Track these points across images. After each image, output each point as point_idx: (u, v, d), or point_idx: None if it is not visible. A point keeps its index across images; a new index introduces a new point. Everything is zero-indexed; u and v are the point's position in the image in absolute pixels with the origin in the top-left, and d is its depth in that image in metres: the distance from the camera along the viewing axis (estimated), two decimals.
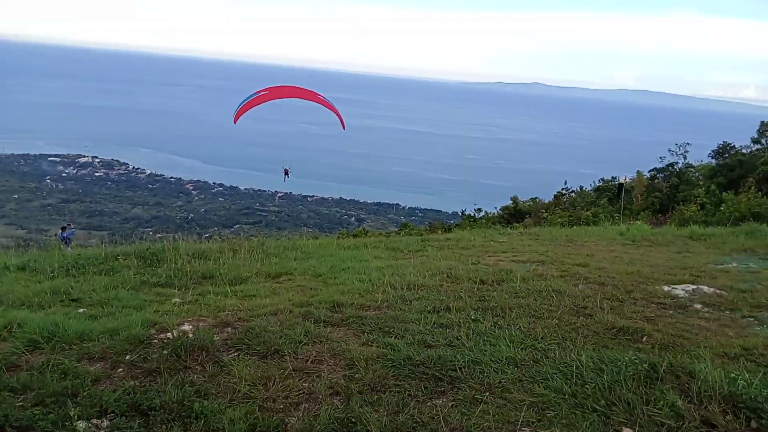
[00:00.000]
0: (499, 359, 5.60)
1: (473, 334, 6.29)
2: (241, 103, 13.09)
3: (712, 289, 8.44)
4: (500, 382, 5.17)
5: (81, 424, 4.38)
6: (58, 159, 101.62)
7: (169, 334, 6.04)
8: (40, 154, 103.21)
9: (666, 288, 8.53)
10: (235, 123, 13.46)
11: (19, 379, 5.11)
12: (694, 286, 8.57)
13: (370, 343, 6.07)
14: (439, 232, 22.66)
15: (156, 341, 5.95)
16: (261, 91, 13.32)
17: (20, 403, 4.76)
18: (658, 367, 5.15)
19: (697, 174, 32.69)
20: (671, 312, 7.39)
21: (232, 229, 56.54)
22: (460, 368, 5.40)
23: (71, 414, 4.46)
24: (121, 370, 5.44)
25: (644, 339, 6.26)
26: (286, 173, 20.40)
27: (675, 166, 31.93)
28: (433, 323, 6.65)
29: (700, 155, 35.72)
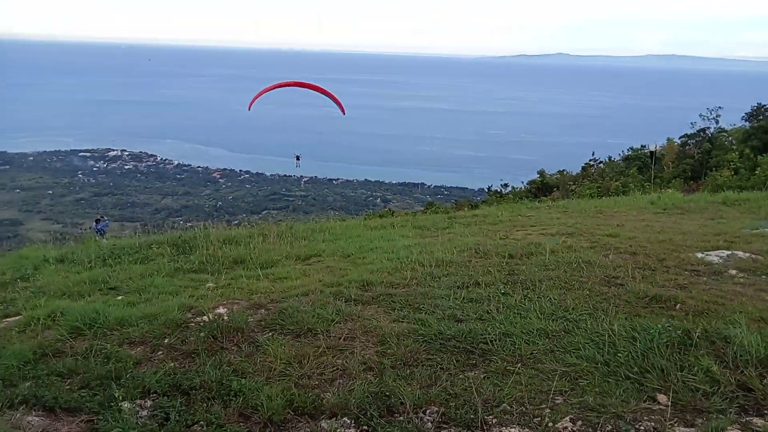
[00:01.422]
0: (530, 331, 5.61)
1: (503, 307, 6.30)
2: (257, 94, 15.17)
3: (747, 254, 8.26)
4: (532, 353, 5.19)
5: (126, 405, 4.56)
6: (88, 154, 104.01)
7: (205, 317, 6.21)
8: (71, 150, 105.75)
9: (699, 255, 8.37)
10: (249, 110, 16.03)
11: (65, 364, 5.32)
12: (729, 252, 8.40)
13: (400, 320, 6.14)
14: (466, 209, 22.57)
15: (193, 324, 6.12)
16: (271, 87, 15.34)
17: (68, 387, 4.97)
18: (692, 334, 5.11)
19: (730, 138, 31.75)
20: (705, 279, 7.27)
21: (261, 215, 57.14)
22: (491, 341, 5.43)
23: (116, 395, 4.64)
24: (160, 353, 5.62)
25: (677, 306, 6.18)
26: (298, 159, 21.43)
27: (707, 132, 31.12)
28: (463, 298, 6.67)
29: (733, 119, 34.64)
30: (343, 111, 16.27)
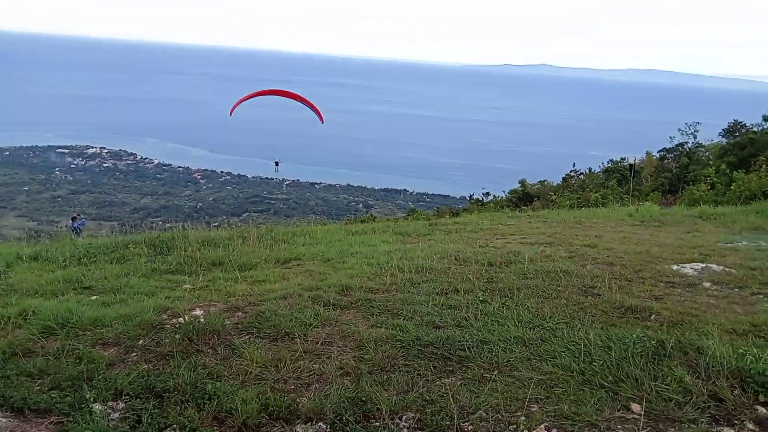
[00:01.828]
0: (507, 339, 5.64)
1: (481, 314, 6.33)
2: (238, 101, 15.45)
3: (721, 267, 8.42)
4: (508, 361, 5.22)
5: (97, 407, 4.48)
6: (66, 150, 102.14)
7: (180, 319, 6.12)
8: (49, 146, 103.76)
9: (675, 267, 8.52)
10: (231, 115, 16.49)
11: (36, 364, 5.20)
12: (703, 265, 8.56)
13: (379, 325, 6.13)
14: (447, 216, 22.67)
15: (168, 326, 6.03)
16: (252, 94, 15.75)
17: (38, 387, 4.87)
18: (666, 344, 5.18)
19: (707, 153, 32.39)
20: (680, 290, 7.40)
21: (241, 218, 56.79)
22: (468, 348, 5.45)
23: (87, 397, 4.55)
24: (134, 354, 5.53)
25: (652, 317, 6.27)
26: (277, 165, 21.52)
27: (685, 146, 31.69)
28: (442, 305, 6.69)
29: (711, 134, 35.37)
30: (321, 120, 16.51)
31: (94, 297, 7.50)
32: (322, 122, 16.67)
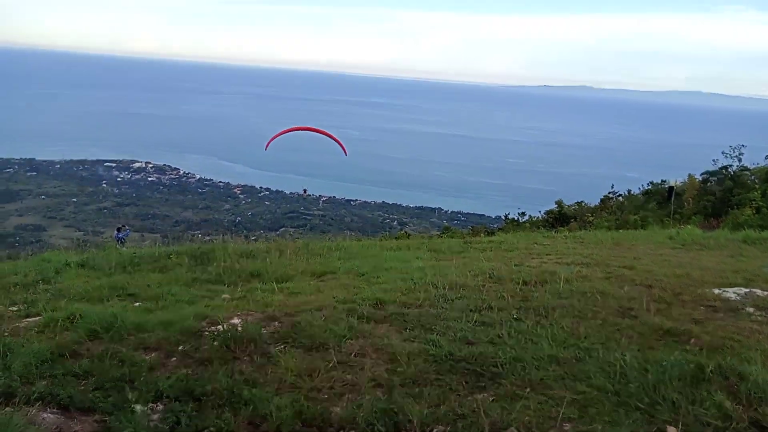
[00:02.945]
0: (541, 357, 5.60)
1: (515, 332, 6.30)
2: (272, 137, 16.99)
3: (765, 293, 8.17)
4: (542, 379, 5.18)
5: (138, 407, 4.65)
6: (113, 164, 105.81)
7: (219, 327, 6.30)
8: (97, 160, 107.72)
9: (716, 291, 8.30)
10: (266, 149, 17.85)
11: (81, 365, 5.43)
12: (747, 290, 8.31)
13: (411, 339, 6.17)
14: (482, 235, 22.56)
15: (207, 333, 6.21)
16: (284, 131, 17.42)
17: (82, 387, 5.08)
18: (706, 368, 5.07)
19: (753, 177, 31.30)
20: (721, 315, 7.20)
21: (278, 232, 57.47)
22: (501, 365, 5.43)
23: (129, 398, 4.74)
24: (174, 359, 5.72)
25: (692, 341, 6.13)
26: (305, 192, 22.92)
27: (729, 169, 30.70)
28: (475, 321, 6.69)
29: (757, 158, 34.19)
30: (345, 152, 17.48)
31: (138, 303, 7.78)
32: (346, 154, 17.54)
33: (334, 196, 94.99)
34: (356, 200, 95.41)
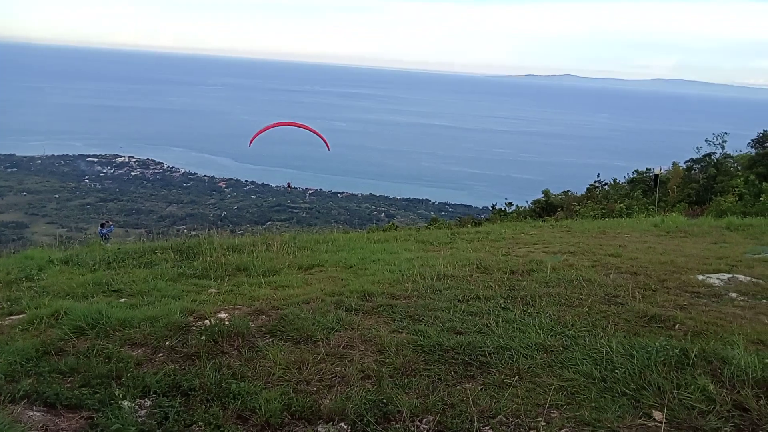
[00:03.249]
0: (529, 345, 5.64)
1: (502, 321, 6.34)
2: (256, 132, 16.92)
3: (748, 278, 8.29)
4: (529, 367, 5.22)
5: (126, 403, 4.61)
6: (96, 159, 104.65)
7: (206, 322, 6.26)
8: (79, 155, 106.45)
9: (700, 277, 8.40)
10: (250, 146, 17.91)
11: (67, 362, 5.37)
12: (730, 275, 8.43)
13: (400, 330, 6.18)
14: (469, 225, 22.64)
15: (194, 328, 6.17)
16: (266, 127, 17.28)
17: (69, 384, 5.02)
18: (690, 353, 5.13)
19: (735, 164, 31.74)
20: (705, 300, 7.30)
21: (265, 226, 57.18)
22: (489, 354, 5.46)
23: (116, 394, 4.70)
24: (161, 354, 5.67)
25: (676, 326, 6.21)
26: (289, 186, 23.15)
27: (712, 157, 31.08)
28: (463, 311, 6.71)
29: (739, 145, 34.65)
30: (328, 147, 17.58)
31: (123, 299, 7.71)
32: (329, 149, 17.73)
33: (320, 189, 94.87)
34: (343, 192, 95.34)
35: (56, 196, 79.58)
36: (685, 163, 33.31)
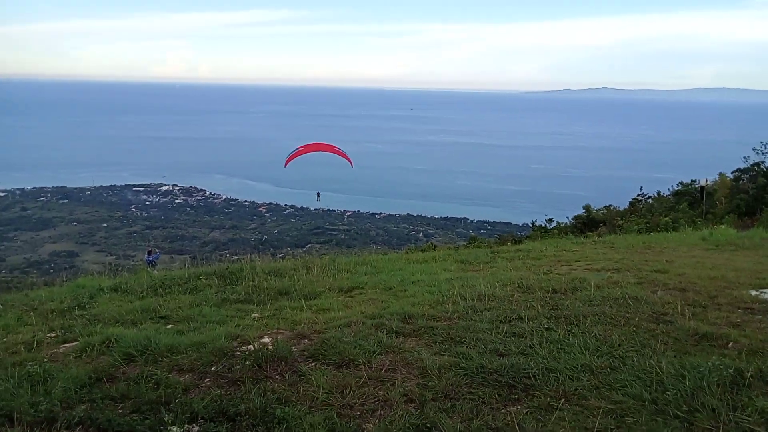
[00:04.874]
0: (574, 367, 5.53)
1: (546, 342, 6.23)
2: (289, 153, 17.26)
3: None
4: (576, 390, 5.10)
5: (175, 429, 4.71)
6: (141, 188, 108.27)
7: (250, 346, 6.37)
8: (126, 185, 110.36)
9: (753, 292, 8.09)
10: (285, 167, 17.95)
11: (118, 389, 5.53)
12: None
13: (442, 353, 6.14)
14: (509, 243, 22.36)
15: (239, 353, 6.28)
16: (300, 147, 17.49)
17: (120, 410, 5.17)
18: (745, 373, 4.94)
19: None
20: (759, 317, 7.02)
21: (305, 249, 57.92)
22: (533, 376, 5.37)
23: (165, 419, 4.81)
24: (208, 380, 5.79)
25: (730, 345, 5.98)
26: (318, 195, 23.75)
27: (761, 166, 29.96)
28: (505, 332, 6.63)
29: None
30: (351, 164, 18.31)
31: (170, 325, 7.90)
32: (352, 166, 18.08)
33: (358, 210, 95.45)
34: (381, 213, 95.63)
35: (105, 225, 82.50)
36: (732, 173, 32.20)
